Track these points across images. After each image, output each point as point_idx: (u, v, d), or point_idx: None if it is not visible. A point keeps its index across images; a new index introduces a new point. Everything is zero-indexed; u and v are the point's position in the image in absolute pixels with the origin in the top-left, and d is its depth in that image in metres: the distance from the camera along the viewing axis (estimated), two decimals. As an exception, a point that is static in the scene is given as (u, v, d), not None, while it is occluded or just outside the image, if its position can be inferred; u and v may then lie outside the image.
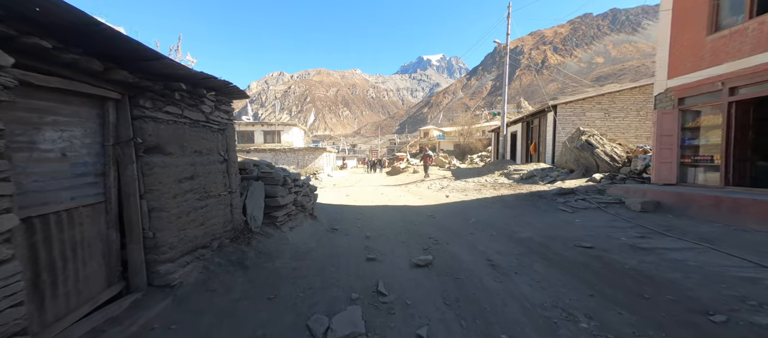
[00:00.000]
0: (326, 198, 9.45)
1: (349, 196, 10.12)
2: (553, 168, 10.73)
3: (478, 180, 11.53)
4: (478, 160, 23.94)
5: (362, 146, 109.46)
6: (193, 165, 2.89)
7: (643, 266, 3.37)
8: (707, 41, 6.05)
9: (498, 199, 7.90)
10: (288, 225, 4.74)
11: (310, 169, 23.16)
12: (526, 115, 14.84)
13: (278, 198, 4.46)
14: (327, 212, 7.06)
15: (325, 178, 19.13)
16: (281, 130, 25.94)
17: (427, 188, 11.57)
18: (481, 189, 9.64)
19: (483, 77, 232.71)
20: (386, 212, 7.37)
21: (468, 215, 6.68)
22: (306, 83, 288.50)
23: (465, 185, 10.89)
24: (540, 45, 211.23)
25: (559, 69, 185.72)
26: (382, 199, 9.36)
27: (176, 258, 2.58)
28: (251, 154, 22.62)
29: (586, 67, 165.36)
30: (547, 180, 9.21)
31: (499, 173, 12.01)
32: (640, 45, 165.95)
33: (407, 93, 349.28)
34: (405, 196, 9.85)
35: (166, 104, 2.55)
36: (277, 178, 4.56)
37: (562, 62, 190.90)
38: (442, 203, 8.24)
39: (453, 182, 12.10)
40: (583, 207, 6.38)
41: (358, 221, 6.37)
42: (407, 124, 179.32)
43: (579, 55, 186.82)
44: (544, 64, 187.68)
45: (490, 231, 5.29)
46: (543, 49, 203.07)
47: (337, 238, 5.02)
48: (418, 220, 6.38)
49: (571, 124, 11.99)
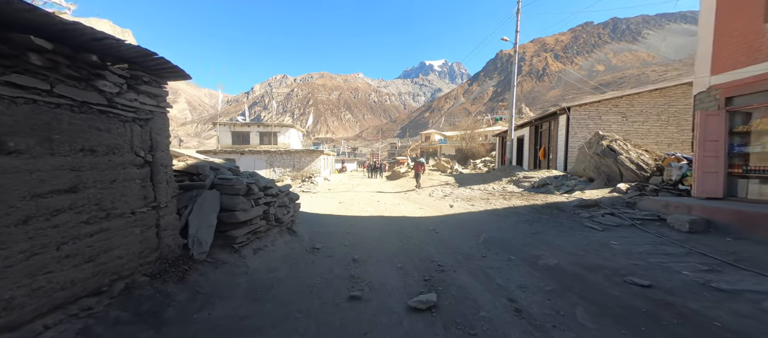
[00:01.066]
0: (316, 206, 8.44)
1: (343, 204, 9.11)
2: (567, 175, 9.72)
3: (485, 188, 10.51)
4: (482, 165, 22.91)
5: (363, 149, 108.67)
6: (77, 169, 1.91)
7: (743, 325, 2.34)
8: (766, 29, 5.06)
9: (510, 211, 6.88)
10: (252, 247, 3.73)
11: (306, 171, 22.19)
12: (535, 118, 13.87)
13: (238, 213, 3.46)
14: (312, 224, 6.06)
15: (320, 182, 18.14)
16: (278, 131, 25.02)
17: (428, 195, 10.55)
18: (489, 198, 8.62)
19: (484, 83, 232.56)
20: (382, 225, 6.36)
21: (477, 230, 5.67)
22: (309, 86, 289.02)
23: (470, 193, 9.88)
24: (541, 52, 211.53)
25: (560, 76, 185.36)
26: (379, 208, 8.34)
27: (20, 324, 1.58)
28: (245, 156, 21.70)
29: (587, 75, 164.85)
30: (563, 190, 8.19)
31: (507, 180, 10.99)
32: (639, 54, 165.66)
33: (409, 97, 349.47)
34: (404, 205, 8.83)
35: (6, 71, 1.57)
36: (238, 187, 3.56)
37: (563, 69, 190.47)
38: (446, 214, 7.22)
39: (457, 189, 11.08)
40: (614, 225, 5.35)
41: (347, 236, 5.36)
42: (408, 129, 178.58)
43: (580, 63, 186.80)
44: (545, 71, 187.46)
45: (506, 254, 4.28)
46: (544, 57, 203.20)
47: (317, 262, 4.01)
48: (418, 236, 5.37)
49: (586, 128, 11.01)
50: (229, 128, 24.51)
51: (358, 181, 20.63)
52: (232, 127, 24.58)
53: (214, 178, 3.59)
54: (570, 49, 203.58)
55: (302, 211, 7.36)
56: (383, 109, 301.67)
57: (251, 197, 3.81)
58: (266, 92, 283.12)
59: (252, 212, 3.74)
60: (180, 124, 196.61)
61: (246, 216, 3.59)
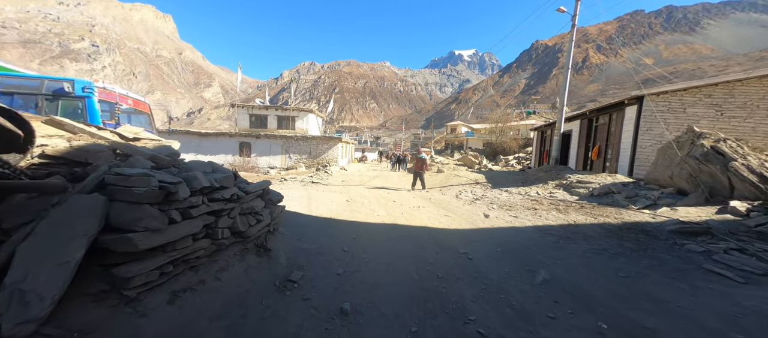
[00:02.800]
0: (318, 205, 6.97)
1: (351, 202, 7.59)
2: (640, 184, 7.55)
3: (526, 192, 8.56)
4: (514, 162, 20.53)
5: (386, 139, 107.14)
6: None
7: None
8: None
9: (573, 232, 5.01)
10: (170, 290, 2.25)
11: (322, 159, 20.99)
12: (591, 110, 11.50)
13: (136, 236, 1.97)
14: (301, 235, 4.56)
15: (335, 172, 16.79)
16: (296, 115, 23.94)
17: (455, 197, 8.78)
18: (535, 207, 6.73)
19: (516, 75, 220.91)
20: (394, 239, 4.75)
21: (528, 258, 3.95)
22: (336, 74, 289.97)
23: (509, 198, 7.99)
24: (582, 43, 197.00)
25: (602, 69, 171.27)
26: (393, 211, 6.74)
27: None
28: (261, 140, 20.82)
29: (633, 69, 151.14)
30: (640, 204, 6.13)
31: (554, 184, 8.95)
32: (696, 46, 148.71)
33: (435, 88, 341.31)
34: (425, 208, 7.16)
35: None
36: (141, 190, 2.05)
37: (605, 62, 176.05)
38: (480, 227, 5.48)
39: (490, 191, 9.21)
40: (759, 272, 3.39)
41: (342, 258, 3.83)
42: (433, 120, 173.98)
43: (625, 55, 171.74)
44: (585, 64, 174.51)
45: (590, 317, 2.58)
46: (585, 48, 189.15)
47: (282, 312, 2.51)
48: (444, 265, 3.74)
49: (664, 123, 8.67)
50: (247, 110, 23.76)
51: (376, 173, 19.12)
52: (249, 110, 23.80)
53: (105, 173, 2.11)
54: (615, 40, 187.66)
55: (296, 213, 5.91)
56: (408, 99, 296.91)
57: (175, 206, 2.31)
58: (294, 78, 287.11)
59: (173, 231, 2.24)
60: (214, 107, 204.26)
61: (157, 239, 2.10)
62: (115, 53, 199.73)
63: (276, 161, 20.91)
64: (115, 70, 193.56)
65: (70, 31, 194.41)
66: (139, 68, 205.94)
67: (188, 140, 20.47)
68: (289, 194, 8.10)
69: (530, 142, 30.83)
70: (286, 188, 9.65)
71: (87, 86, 5.81)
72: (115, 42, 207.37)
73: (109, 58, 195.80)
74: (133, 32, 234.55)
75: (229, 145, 20.61)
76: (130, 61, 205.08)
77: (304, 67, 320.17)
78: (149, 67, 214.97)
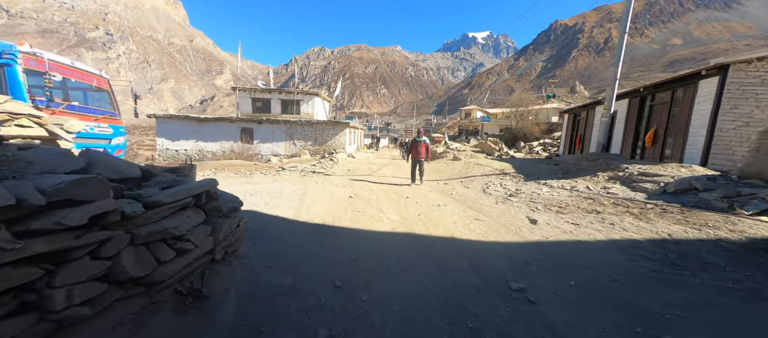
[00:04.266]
0: (313, 205, 5.53)
1: (355, 199, 6.12)
2: (730, 177, 5.76)
3: (572, 186, 6.87)
4: (540, 149, 18.56)
5: (397, 126, 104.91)
6: None
7: None
8: None
9: (671, 251, 3.37)
10: None
11: (329, 146, 19.56)
12: (645, 86, 9.50)
13: None
14: (277, 255, 3.12)
15: (342, 160, 15.35)
16: (300, 99, 22.44)
17: (482, 191, 7.18)
18: (596, 208, 5.08)
19: (533, 58, 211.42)
20: (411, 262, 3.25)
21: (625, 304, 2.40)
22: (346, 59, 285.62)
23: (553, 194, 6.34)
24: (605, 22, 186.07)
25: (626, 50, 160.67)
26: (408, 213, 5.23)
27: None
28: (263, 125, 19.52)
29: (659, 50, 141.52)
30: (753, 208, 4.39)
31: (606, 176, 7.21)
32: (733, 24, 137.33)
33: (448, 72, 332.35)
34: (449, 208, 5.61)
35: None
36: None
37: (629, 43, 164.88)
38: (530, 240, 3.92)
39: (524, 185, 7.55)
40: None
41: (332, 300, 2.38)
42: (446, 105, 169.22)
43: (652, 35, 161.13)
44: (607, 45, 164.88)
45: None
46: (608, 28, 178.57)
47: None
48: (495, 320, 2.22)
49: (754, 100, 6.75)
50: (248, 94, 22.40)
51: (387, 161, 17.59)
52: (252, 94, 22.43)
53: None
54: (641, 19, 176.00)
55: (279, 219, 4.49)
56: (420, 84, 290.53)
57: None
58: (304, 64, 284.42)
59: None
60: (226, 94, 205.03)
61: None
62: (129, 41, 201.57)
63: (279, 148, 19.62)
64: (130, 58, 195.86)
65: (85, 19, 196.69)
66: (152, 56, 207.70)
67: (187, 126, 19.36)
68: (280, 189, 6.69)
69: (554, 127, 28.49)
70: (280, 180, 8.26)
71: (6, 51, 4.43)
72: (128, 30, 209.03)
73: (123, 46, 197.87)
74: (145, 19, 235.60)
75: (230, 131, 19.39)
76: (144, 49, 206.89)
77: (314, 52, 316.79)
78: (162, 54, 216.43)
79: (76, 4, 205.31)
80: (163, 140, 19.27)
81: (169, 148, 19.35)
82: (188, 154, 19.42)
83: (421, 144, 8.09)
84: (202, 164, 12.01)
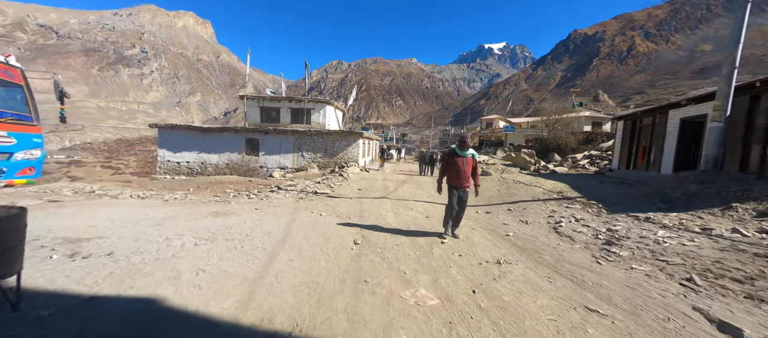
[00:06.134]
0: (288, 269, 3.34)
1: (361, 249, 3.90)
2: None
3: (702, 225, 4.35)
4: (586, 162, 15.74)
5: (413, 136, 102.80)
6: None
7: None
8: None
9: None
10: None
11: (340, 158, 17.58)
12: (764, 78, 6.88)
13: None
14: None
15: (353, 175, 13.24)
16: (311, 107, 20.74)
17: (551, 230, 4.80)
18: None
19: (551, 67, 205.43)
20: None
21: None
22: (362, 71, 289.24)
23: (682, 243, 3.87)
24: (627, 30, 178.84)
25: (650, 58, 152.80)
26: (454, 291, 2.96)
27: None
28: (270, 136, 17.84)
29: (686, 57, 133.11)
30: None
31: (750, 209, 4.66)
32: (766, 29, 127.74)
33: (464, 83, 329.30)
34: (518, 270, 3.29)
35: None
36: None
37: (653, 50, 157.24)
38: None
39: (615, 220, 5.10)
40: None
41: None
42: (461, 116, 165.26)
43: (678, 42, 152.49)
44: (630, 53, 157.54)
45: None
46: (630, 35, 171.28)
47: None
48: None
49: None
50: (256, 103, 20.96)
51: (404, 177, 15.36)
52: (260, 102, 20.98)
53: None
54: (666, 26, 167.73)
55: (200, 319, 2.25)
56: (435, 96, 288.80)
57: None
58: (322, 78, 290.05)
59: None
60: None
61: None
62: (161, 58, 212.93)
63: (287, 160, 17.82)
64: (162, 73, 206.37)
65: (123, 39, 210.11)
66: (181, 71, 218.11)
67: (190, 137, 17.97)
68: (252, 228, 4.56)
69: (593, 136, 25.40)
70: (263, 208, 6.16)
71: None
72: (161, 48, 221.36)
73: (156, 62, 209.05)
74: (176, 38, 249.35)
75: (235, 142, 17.82)
76: (174, 65, 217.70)
77: (331, 66, 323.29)
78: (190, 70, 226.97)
79: (116, 25, 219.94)
80: (165, 152, 17.94)
81: (171, 159, 17.97)
82: (190, 166, 17.97)
83: (468, 161, 4.42)
84: (190, 181, 10.19)
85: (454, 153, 4.46)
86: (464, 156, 4.38)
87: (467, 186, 4.41)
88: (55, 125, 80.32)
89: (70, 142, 69.49)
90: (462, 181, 4.37)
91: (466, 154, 4.38)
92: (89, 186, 6.90)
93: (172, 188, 8.15)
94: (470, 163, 4.40)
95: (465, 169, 4.35)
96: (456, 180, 4.39)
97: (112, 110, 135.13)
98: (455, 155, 4.42)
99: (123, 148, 59.73)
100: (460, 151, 4.39)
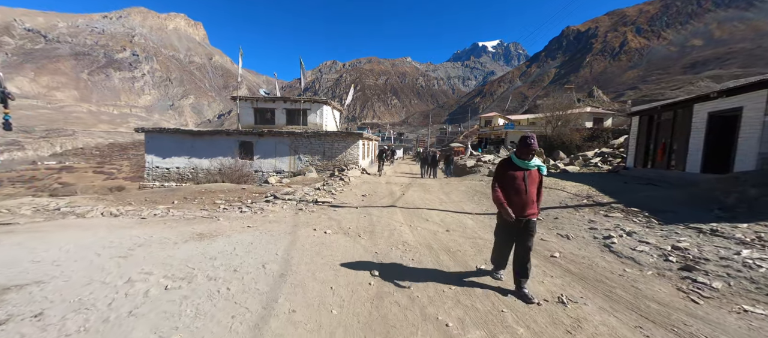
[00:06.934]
0: (290, 327, 2.48)
1: (380, 287, 3.07)
2: None
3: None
4: (598, 160, 15.07)
5: (409, 135, 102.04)
6: None
7: None
8: None
9: None
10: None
11: (339, 161, 16.72)
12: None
13: None
14: None
15: (354, 180, 12.40)
16: (307, 108, 19.84)
17: (601, 246, 4.04)
18: None
19: (545, 64, 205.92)
20: None
21: None
22: (357, 71, 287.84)
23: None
24: (619, 26, 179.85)
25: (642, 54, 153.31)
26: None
27: None
28: (265, 138, 16.92)
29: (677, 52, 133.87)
30: None
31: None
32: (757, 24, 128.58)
33: (458, 81, 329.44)
34: (594, 322, 2.48)
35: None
36: None
37: (645, 46, 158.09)
38: None
39: (672, 232, 4.34)
40: None
41: None
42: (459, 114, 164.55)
43: (669, 37, 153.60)
44: (623, 49, 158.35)
45: None
46: (622, 31, 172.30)
47: None
48: None
49: None
50: (250, 104, 19.99)
51: (408, 179, 14.55)
52: (254, 103, 20.01)
53: None
54: (657, 21, 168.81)
55: None
56: (430, 94, 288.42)
57: None
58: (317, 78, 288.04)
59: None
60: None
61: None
62: (153, 61, 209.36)
63: (283, 164, 16.91)
64: (154, 76, 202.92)
65: (114, 42, 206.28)
66: (174, 74, 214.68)
67: (179, 141, 16.98)
68: (242, 260, 3.69)
69: (597, 133, 24.79)
70: (257, 225, 5.28)
71: None
72: (152, 50, 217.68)
73: (148, 65, 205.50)
74: (167, 40, 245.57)
75: (228, 146, 16.87)
76: (166, 68, 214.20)
77: (326, 66, 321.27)
78: (183, 72, 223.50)
79: (105, 28, 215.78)
80: (153, 157, 16.93)
81: (160, 165, 16.98)
82: (180, 172, 16.98)
83: (533, 177, 2.91)
84: (176, 191, 9.27)
85: (510, 164, 2.95)
86: (527, 168, 2.88)
87: (533, 215, 2.87)
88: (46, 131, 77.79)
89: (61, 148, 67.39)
90: (524, 207, 2.83)
91: (529, 165, 2.88)
92: (55, 202, 5.98)
93: (154, 201, 7.24)
94: (535, 179, 2.90)
95: (529, 189, 2.84)
96: (515, 206, 2.84)
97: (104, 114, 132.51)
98: (513, 166, 2.92)
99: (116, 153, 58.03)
100: (520, 161, 2.89)
